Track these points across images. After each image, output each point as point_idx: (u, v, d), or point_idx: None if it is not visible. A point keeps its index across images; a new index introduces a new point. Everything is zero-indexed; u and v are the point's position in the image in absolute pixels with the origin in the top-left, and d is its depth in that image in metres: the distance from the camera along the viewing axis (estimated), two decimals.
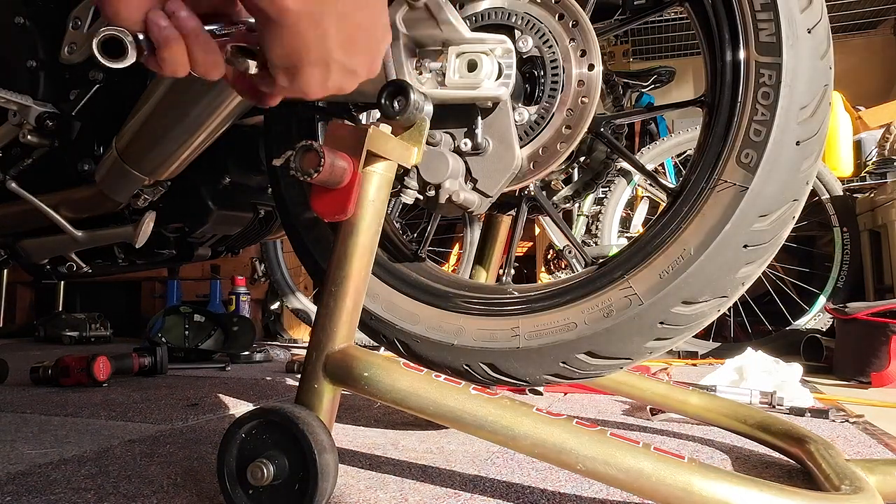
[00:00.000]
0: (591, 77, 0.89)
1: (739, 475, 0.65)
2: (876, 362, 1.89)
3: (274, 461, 0.69)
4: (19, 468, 0.97)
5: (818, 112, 0.83)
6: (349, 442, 1.14)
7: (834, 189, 2.71)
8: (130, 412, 1.42)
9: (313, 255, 1.13)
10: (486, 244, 1.35)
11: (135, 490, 0.86)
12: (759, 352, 1.75)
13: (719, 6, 0.87)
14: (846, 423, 1.30)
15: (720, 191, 0.85)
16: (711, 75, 0.90)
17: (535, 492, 0.85)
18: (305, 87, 0.59)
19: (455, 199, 0.87)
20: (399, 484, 0.88)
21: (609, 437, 0.67)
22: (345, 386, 0.75)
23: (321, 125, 1.12)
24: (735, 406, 1.11)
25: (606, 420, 1.35)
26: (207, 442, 1.14)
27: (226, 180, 1.27)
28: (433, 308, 1.03)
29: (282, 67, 0.57)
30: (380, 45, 0.61)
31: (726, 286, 0.85)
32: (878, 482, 0.80)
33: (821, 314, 2.62)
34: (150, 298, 4.07)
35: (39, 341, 3.61)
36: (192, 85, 0.88)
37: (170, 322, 2.61)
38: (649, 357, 0.93)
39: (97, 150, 1.10)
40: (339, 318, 0.76)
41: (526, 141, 0.91)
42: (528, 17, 0.90)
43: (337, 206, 0.76)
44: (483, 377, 0.98)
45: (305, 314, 3.16)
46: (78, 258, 1.22)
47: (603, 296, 0.91)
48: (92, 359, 1.81)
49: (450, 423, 0.72)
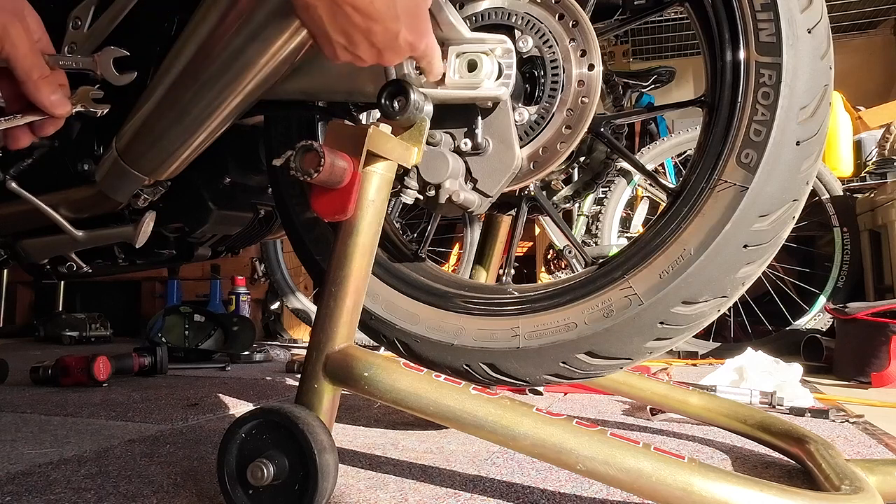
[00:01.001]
0: (591, 77, 0.89)
1: (739, 475, 0.65)
2: (876, 362, 1.89)
3: (274, 461, 0.69)
4: (19, 468, 0.97)
5: (818, 112, 0.82)
6: (349, 442, 1.14)
7: (834, 189, 2.71)
8: (130, 412, 1.42)
9: (313, 255, 1.13)
10: (486, 244, 1.35)
11: (135, 490, 0.86)
12: (759, 352, 1.75)
13: (719, 6, 0.87)
14: (846, 423, 1.30)
15: (720, 191, 0.85)
16: (711, 75, 0.90)
17: (535, 492, 0.85)
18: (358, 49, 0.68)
19: (455, 199, 0.87)
20: (399, 484, 0.88)
21: (609, 437, 0.67)
22: (345, 386, 0.75)
23: (321, 125, 1.12)
24: (735, 406, 1.11)
25: (606, 420, 1.35)
26: (207, 442, 1.14)
27: (226, 180, 1.27)
28: (433, 308, 1.03)
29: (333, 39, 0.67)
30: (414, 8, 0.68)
31: (726, 286, 0.85)
32: (878, 482, 0.80)
33: (821, 314, 2.62)
34: (150, 298, 4.06)
35: (39, 341, 3.61)
36: (191, 84, 0.88)
37: (170, 322, 2.61)
38: (649, 357, 0.93)
39: (97, 149, 1.09)
40: (339, 318, 0.76)
41: (526, 141, 0.91)
42: (528, 17, 0.90)
43: (337, 206, 0.76)
44: (483, 377, 0.98)
45: (305, 314, 3.16)
46: (78, 258, 1.22)
47: (603, 296, 0.91)
48: (92, 359, 1.81)
49: (450, 423, 0.72)
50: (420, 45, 0.72)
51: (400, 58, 0.73)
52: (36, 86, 0.68)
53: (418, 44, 0.72)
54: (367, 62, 0.71)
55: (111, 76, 0.81)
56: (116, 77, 0.82)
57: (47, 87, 0.69)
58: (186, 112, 0.91)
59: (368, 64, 0.72)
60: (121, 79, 0.82)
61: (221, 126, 0.94)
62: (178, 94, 0.89)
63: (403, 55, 0.73)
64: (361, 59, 0.71)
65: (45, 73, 0.69)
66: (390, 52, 0.70)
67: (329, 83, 0.91)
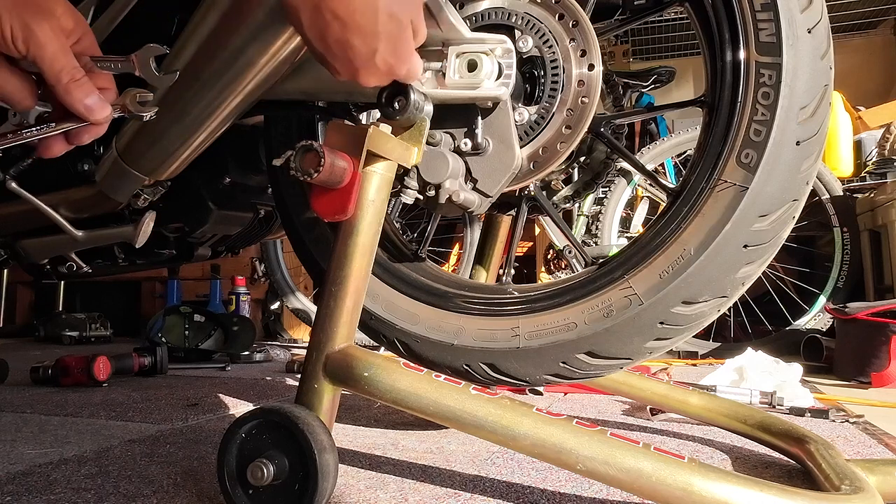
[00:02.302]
0: (591, 77, 0.89)
1: (739, 475, 0.65)
2: (876, 362, 1.89)
3: (274, 461, 0.69)
4: (19, 468, 0.97)
5: (818, 112, 0.82)
6: (349, 442, 1.14)
7: (834, 189, 2.71)
8: (130, 412, 1.42)
9: (313, 255, 1.13)
10: (486, 244, 1.35)
11: (135, 490, 0.86)
12: (759, 352, 1.75)
13: (719, 6, 0.87)
14: (846, 423, 1.30)
15: (720, 191, 0.85)
16: (711, 75, 0.90)
17: (535, 492, 0.85)
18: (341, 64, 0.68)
19: (455, 199, 0.87)
20: (399, 484, 0.88)
21: (609, 437, 0.67)
22: (345, 386, 0.75)
23: (321, 125, 1.12)
24: (735, 406, 1.11)
25: (606, 420, 1.35)
26: (207, 442, 1.14)
27: (226, 180, 1.27)
28: (433, 308, 1.03)
29: (316, 45, 0.67)
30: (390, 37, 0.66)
31: (726, 286, 0.85)
32: (878, 482, 0.80)
33: (821, 314, 2.62)
34: (150, 298, 4.07)
35: (39, 341, 3.61)
36: (191, 84, 0.88)
37: (170, 322, 2.61)
38: (649, 357, 0.93)
39: (97, 149, 1.09)
40: (339, 318, 0.76)
41: (526, 141, 0.91)
42: (528, 17, 0.90)
43: (337, 206, 0.76)
44: (483, 377, 0.98)
45: (305, 314, 3.16)
46: (78, 258, 1.22)
47: (603, 296, 0.91)
48: (92, 359, 1.81)
49: (449, 423, 0.72)
50: (400, 70, 0.70)
51: (377, 80, 0.70)
52: (67, 90, 0.62)
53: (398, 68, 0.69)
54: (343, 76, 0.69)
55: (151, 77, 0.71)
56: (157, 78, 0.72)
57: (79, 90, 0.63)
58: (186, 112, 0.91)
59: (345, 79, 0.69)
60: (163, 80, 0.73)
61: (221, 126, 0.94)
62: (179, 94, 0.89)
63: (381, 78, 0.70)
64: (338, 72, 0.69)
65: (78, 75, 0.63)
66: (366, 71, 0.68)
67: (329, 83, 0.91)
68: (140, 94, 0.70)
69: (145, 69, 0.71)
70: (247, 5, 0.80)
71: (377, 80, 0.71)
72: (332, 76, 0.70)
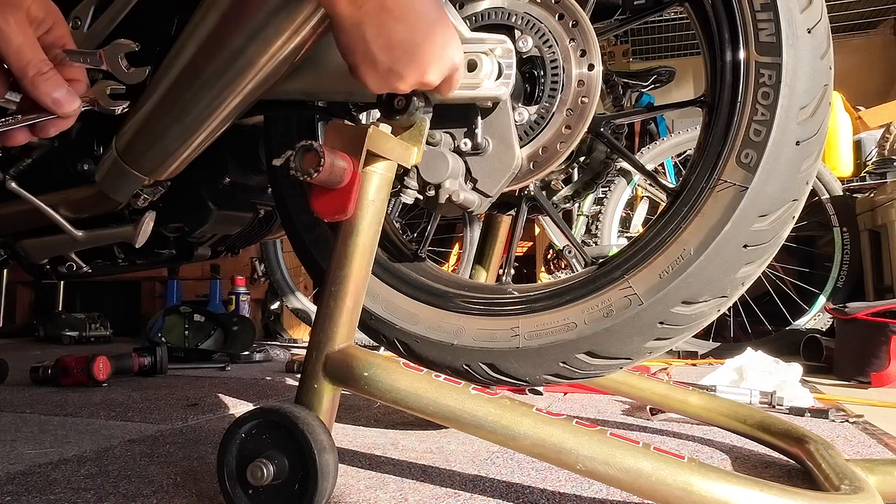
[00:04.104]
0: (591, 77, 0.89)
1: (739, 475, 0.65)
2: (876, 362, 1.89)
3: (274, 461, 0.69)
4: (19, 468, 0.97)
5: (818, 112, 0.82)
6: (349, 442, 1.14)
7: (834, 189, 2.71)
8: (130, 412, 1.42)
9: (313, 255, 1.13)
10: (486, 244, 1.35)
11: (135, 490, 0.86)
12: (759, 352, 1.75)
13: (719, 6, 0.87)
14: (846, 423, 1.30)
15: (720, 191, 0.85)
16: (711, 75, 0.90)
17: (535, 492, 0.85)
18: (364, 77, 0.70)
19: (455, 199, 0.87)
20: (399, 484, 0.88)
21: (609, 437, 0.67)
22: (345, 386, 0.75)
23: (321, 125, 1.12)
24: (735, 406, 1.11)
25: (606, 420, 1.35)
26: (207, 442, 1.14)
27: (226, 180, 1.27)
28: (433, 308, 1.03)
29: (349, 59, 0.69)
30: (428, 58, 0.68)
31: (726, 286, 0.85)
32: (878, 482, 0.80)
33: (821, 314, 2.62)
34: (150, 298, 4.07)
35: (39, 341, 3.61)
36: (191, 84, 0.88)
37: (170, 322, 2.61)
38: (649, 357, 0.93)
39: (97, 149, 1.09)
40: (339, 318, 0.76)
41: (526, 141, 0.91)
42: (528, 17, 0.90)
43: (337, 206, 0.76)
44: (483, 377, 0.98)
45: (305, 314, 3.16)
46: (78, 258, 1.22)
47: (603, 296, 0.91)
48: (92, 359, 1.81)
49: (449, 423, 0.72)
50: (457, 60, 0.72)
51: (440, 75, 0.71)
52: (33, 83, 0.62)
53: (457, 58, 0.72)
54: (407, 83, 0.70)
55: (120, 73, 0.71)
56: (126, 74, 0.71)
57: (46, 84, 0.63)
58: (186, 112, 0.91)
59: (412, 87, 0.71)
60: (132, 76, 0.72)
61: (221, 126, 0.94)
62: (178, 94, 0.89)
63: (445, 72, 0.71)
64: (402, 79, 0.70)
65: (44, 69, 0.63)
66: (436, 67, 0.69)
67: (329, 83, 0.91)
68: (112, 87, 0.71)
69: (113, 64, 0.71)
70: (247, 5, 0.80)
71: (440, 76, 0.71)
72: (367, 86, 0.71)
